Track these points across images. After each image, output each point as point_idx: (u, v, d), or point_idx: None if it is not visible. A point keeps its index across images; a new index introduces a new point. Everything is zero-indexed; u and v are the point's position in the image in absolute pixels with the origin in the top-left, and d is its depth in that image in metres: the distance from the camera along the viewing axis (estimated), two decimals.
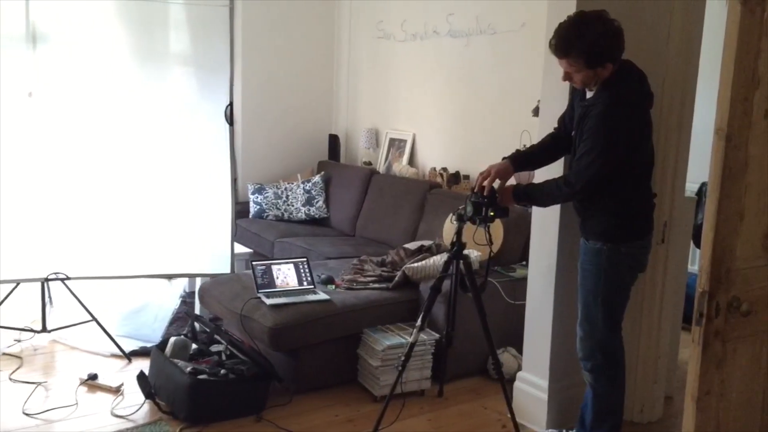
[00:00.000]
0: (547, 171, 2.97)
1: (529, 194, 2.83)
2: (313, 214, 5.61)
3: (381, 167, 5.73)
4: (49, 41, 3.73)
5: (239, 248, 4.56)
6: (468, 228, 2.94)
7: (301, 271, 3.71)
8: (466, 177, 4.90)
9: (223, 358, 3.37)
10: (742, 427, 1.89)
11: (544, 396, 3.16)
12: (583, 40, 2.50)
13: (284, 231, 5.23)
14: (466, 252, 3.00)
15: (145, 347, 3.86)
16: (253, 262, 3.68)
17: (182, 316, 4.32)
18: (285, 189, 5.69)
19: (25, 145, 3.75)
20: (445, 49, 5.16)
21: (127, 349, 3.88)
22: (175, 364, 3.23)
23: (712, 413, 1.78)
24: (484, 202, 2.80)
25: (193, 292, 4.34)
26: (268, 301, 3.47)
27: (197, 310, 4.22)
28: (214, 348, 3.47)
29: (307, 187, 5.67)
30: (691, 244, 3.57)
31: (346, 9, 6.16)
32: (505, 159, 2.91)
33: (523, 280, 3.41)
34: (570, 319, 2.98)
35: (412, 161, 5.53)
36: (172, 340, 3.42)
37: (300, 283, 3.67)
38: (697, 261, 3.76)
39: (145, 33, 3.93)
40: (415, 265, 3.81)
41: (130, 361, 3.81)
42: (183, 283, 4.71)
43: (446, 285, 3.10)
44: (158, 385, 3.28)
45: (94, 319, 3.89)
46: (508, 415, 3.08)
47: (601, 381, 2.79)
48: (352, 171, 5.73)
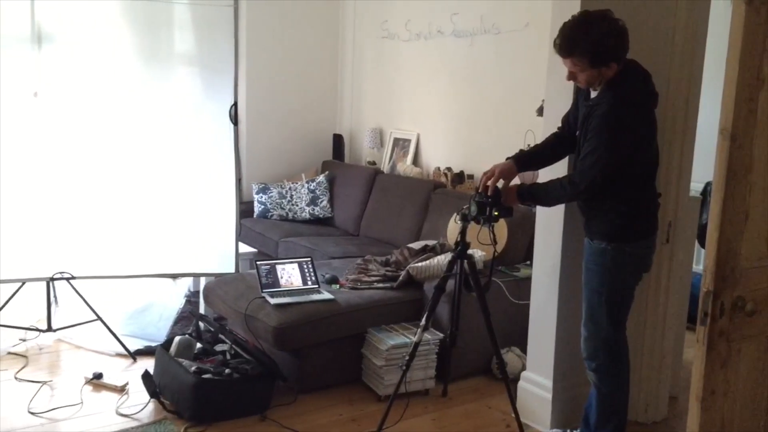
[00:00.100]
0: (551, 171, 2.97)
1: (533, 194, 2.83)
2: (317, 213, 5.61)
3: (385, 167, 5.73)
4: (54, 41, 3.74)
5: (243, 248, 4.57)
6: (472, 228, 2.94)
7: (306, 270, 3.71)
8: (471, 177, 4.90)
9: (228, 357, 3.37)
10: (747, 426, 1.88)
11: (549, 396, 3.16)
12: (588, 40, 2.49)
13: (288, 231, 5.24)
14: (470, 252, 3.00)
15: (150, 346, 3.87)
16: (258, 262, 3.69)
17: (187, 316, 4.33)
18: (289, 189, 5.70)
19: (30, 145, 3.76)
20: (450, 49, 5.16)
21: (132, 349, 3.89)
22: (180, 363, 3.24)
23: (716, 413, 1.78)
24: (488, 202, 2.80)
25: (198, 292, 4.35)
26: (273, 301, 3.48)
27: (202, 310, 4.23)
28: (219, 347, 3.47)
29: (312, 187, 5.67)
30: (696, 243, 3.57)
31: (350, 9, 6.16)
32: (509, 159, 2.91)
33: (528, 279, 3.40)
34: (574, 319, 2.97)
35: (416, 161, 5.53)
36: (177, 339, 3.43)
37: (304, 282, 3.67)
38: (701, 261, 3.76)
39: (150, 33, 3.95)
40: (420, 264, 3.81)
41: (135, 360, 3.82)
42: (188, 283, 4.71)
43: (450, 285, 3.09)
44: (163, 384, 3.29)
45: (99, 318, 3.90)
46: (513, 415, 3.08)
47: (606, 381, 2.79)
48: (357, 171, 5.73)
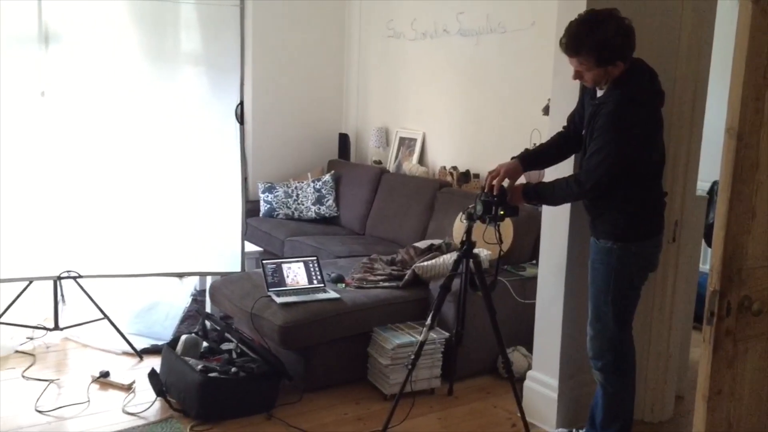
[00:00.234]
0: (556, 170, 2.97)
1: (539, 193, 2.82)
2: (323, 212, 5.62)
3: (391, 166, 5.73)
4: (61, 41, 3.76)
5: (250, 247, 4.58)
6: (478, 227, 2.94)
7: (311, 269, 3.72)
8: (476, 176, 4.90)
9: (234, 356, 3.38)
10: (754, 426, 1.88)
11: (554, 395, 3.16)
12: (594, 39, 2.49)
13: (294, 230, 5.25)
14: (476, 251, 3.00)
15: (157, 345, 3.89)
16: (264, 261, 3.69)
17: (193, 315, 4.34)
18: (295, 188, 5.71)
19: (37, 144, 3.78)
20: (455, 48, 5.16)
21: (139, 347, 3.91)
22: (186, 362, 3.25)
23: (723, 413, 1.77)
24: (494, 201, 2.80)
25: (204, 291, 4.36)
26: (279, 300, 3.48)
27: (208, 309, 4.24)
28: (225, 346, 3.48)
29: (317, 186, 5.68)
30: (703, 243, 3.55)
31: (356, 8, 6.16)
32: (515, 158, 2.91)
33: (533, 279, 3.40)
34: (580, 318, 2.97)
35: (422, 160, 5.53)
36: (183, 338, 3.44)
37: (310, 281, 3.68)
38: (708, 260, 3.75)
39: (157, 33, 3.95)
40: (425, 263, 3.81)
41: (142, 358, 3.84)
42: (194, 282, 4.72)
43: (456, 284, 3.10)
44: (169, 382, 3.30)
45: (106, 317, 3.92)
46: (518, 414, 3.08)
47: (612, 380, 2.78)
48: (362, 170, 5.73)
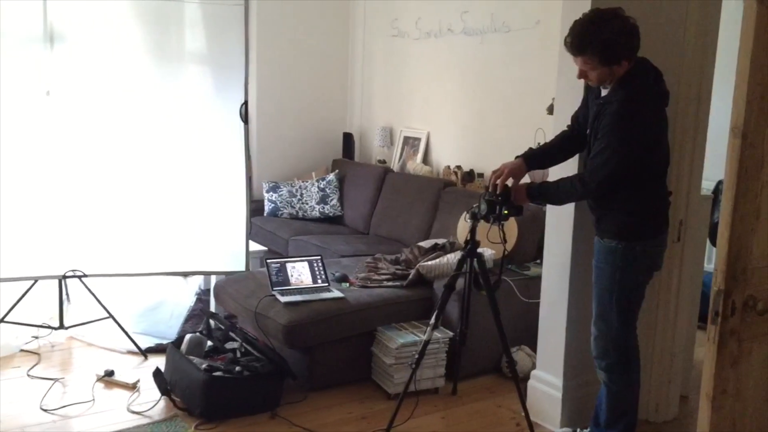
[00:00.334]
0: (560, 169, 2.96)
1: (543, 193, 2.82)
2: (327, 212, 5.62)
3: (395, 165, 5.73)
4: (66, 41, 3.77)
5: (254, 246, 4.58)
6: (482, 226, 2.94)
7: (316, 268, 3.72)
8: (481, 175, 4.90)
9: (238, 355, 3.38)
10: (758, 426, 1.88)
11: (559, 394, 3.16)
12: (599, 38, 2.48)
13: (299, 229, 5.25)
14: (480, 250, 2.99)
15: (161, 344, 3.89)
16: (268, 260, 3.70)
17: (198, 314, 4.35)
18: (299, 187, 5.71)
19: (42, 144, 3.79)
20: (460, 47, 5.16)
21: (144, 346, 3.91)
22: (191, 360, 3.26)
23: (727, 412, 1.77)
24: (498, 201, 2.80)
25: (209, 290, 4.36)
26: (283, 299, 3.49)
27: (212, 308, 4.24)
28: (229, 345, 3.48)
29: (322, 186, 5.68)
30: (708, 242, 3.55)
31: (360, 7, 6.16)
32: (519, 157, 2.91)
33: (538, 278, 3.39)
34: (584, 318, 2.97)
35: (426, 159, 5.53)
36: (188, 337, 3.45)
37: (314, 280, 3.68)
38: (713, 259, 3.74)
39: (161, 32, 3.96)
40: (429, 263, 3.81)
41: (146, 357, 3.85)
42: (198, 281, 4.73)
43: (460, 283, 3.10)
44: (174, 381, 3.31)
45: (111, 316, 3.92)
46: (522, 414, 3.08)
47: (616, 380, 2.78)
48: (367, 169, 5.73)
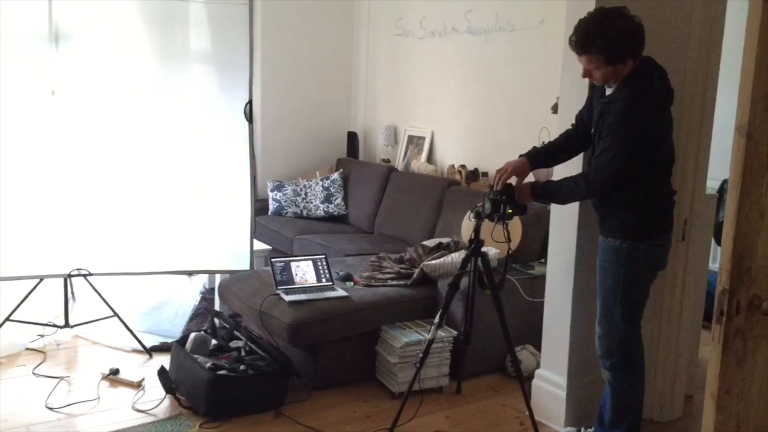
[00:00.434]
0: (564, 168, 2.96)
1: (547, 192, 2.82)
2: (331, 211, 5.63)
3: (399, 164, 5.73)
4: (72, 40, 3.77)
5: (258, 245, 4.59)
6: (486, 225, 2.94)
7: (320, 267, 3.72)
8: (485, 174, 4.89)
9: (243, 354, 3.39)
10: (763, 425, 1.87)
11: (563, 394, 3.15)
12: (604, 37, 2.48)
13: (303, 228, 5.26)
14: (484, 249, 3.00)
15: (166, 343, 3.90)
16: (272, 259, 3.71)
17: (202, 313, 4.35)
18: (304, 186, 5.72)
19: (47, 143, 3.80)
20: (464, 47, 5.15)
21: (148, 345, 3.92)
22: (195, 359, 3.27)
23: (732, 412, 1.77)
24: (503, 200, 2.80)
25: (213, 289, 4.37)
26: (287, 298, 3.49)
27: (217, 307, 4.25)
28: (234, 344, 3.49)
29: (326, 185, 5.69)
30: (712, 241, 3.54)
31: (365, 7, 6.16)
32: (522, 156, 2.91)
33: (542, 277, 3.40)
34: (589, 317, 2.97)
35: (430, 158, 5.53)
36: (192, 335, 3.45)
37: (318, 279, 3.69)
38: (717, 258, 3.73)
39: (166, 31, 3.97)
40: (434, 262, 3.82)
41: (151, 356, 3.86)
42: (203, 280, 4.74)
43: (464, 282, 3.09)
44: (178, 380, 3.32)
45: (116, 314, 3.94)
46: (527, 413, 3.08)
47: (620, 379, 2.78)
48: (371, 168, 5.74)
